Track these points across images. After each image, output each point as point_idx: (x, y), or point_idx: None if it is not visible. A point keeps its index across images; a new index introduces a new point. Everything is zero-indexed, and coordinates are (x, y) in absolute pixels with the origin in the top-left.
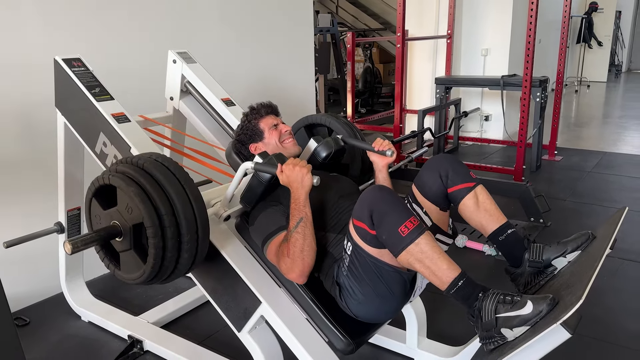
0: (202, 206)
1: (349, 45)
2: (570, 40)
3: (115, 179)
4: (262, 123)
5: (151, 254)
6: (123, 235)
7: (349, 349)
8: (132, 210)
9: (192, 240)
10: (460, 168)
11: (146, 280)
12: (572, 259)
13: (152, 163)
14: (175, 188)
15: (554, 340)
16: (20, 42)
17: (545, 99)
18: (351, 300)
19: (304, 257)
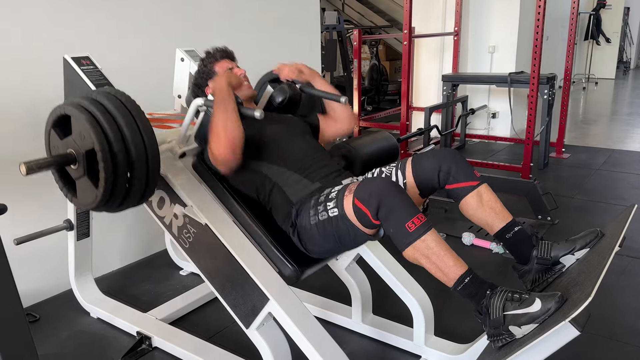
0: (151, 135)
1: (355, 42)
2: (578, 37)
3: (69, 108)
4: (217, 66)
5: (102, 177)
6: (77, 162)
7: (295, 276)
8: (85, 137)
9: (141, 166)
10: (464, 166)
11: (99, 204)
12: (580, 257)
13: (105, 95)
14: (125, 117)
15: (563, 338)
16: (31, 39)
17: (552, 96)
18: (308, 242)
19: (227, 131)
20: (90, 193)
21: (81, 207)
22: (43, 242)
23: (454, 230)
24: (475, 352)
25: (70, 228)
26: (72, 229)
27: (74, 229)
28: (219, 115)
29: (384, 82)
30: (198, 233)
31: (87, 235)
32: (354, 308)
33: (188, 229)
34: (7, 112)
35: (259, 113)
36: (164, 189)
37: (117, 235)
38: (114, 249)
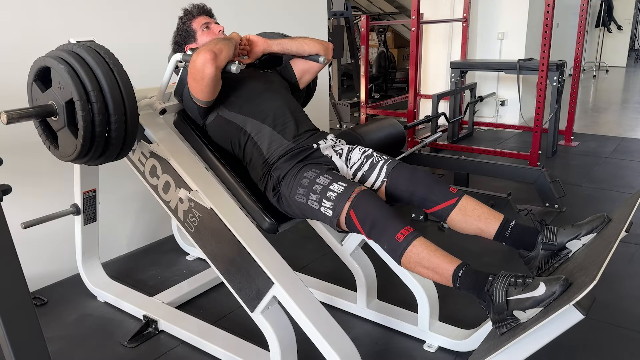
0: (129, 87)
1: (362, 29)
2: (589, 24)
3: (49, 60)
4: (194, 24)
5: (81, 127)
6: (58, 114)
7: (272, 228)
8: (64, 88)
9: (119, 118)
10: (439, 187)
11: (79, 155)
12: (586, 242)
13: (84, 48)
14: (103, 68)
15: (567, 322)
16: (35, 24)
17: (562, 83)
18: (286, 207)
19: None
20: (70, 144)
21: (63, 159)
22: (50, 226)
23: None
24: (480, 337)
25: (77, 212)
26: (79, 213)
27: (81, 213)
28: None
29: (391, 69)
30: (203, 217)
31: (94, 219)
32: (358, 293)
33: (193, 213)
34: (13, 97)
35: (235, 67)
36: (169, 174)
37: (124, 220)
38: (121, 234)
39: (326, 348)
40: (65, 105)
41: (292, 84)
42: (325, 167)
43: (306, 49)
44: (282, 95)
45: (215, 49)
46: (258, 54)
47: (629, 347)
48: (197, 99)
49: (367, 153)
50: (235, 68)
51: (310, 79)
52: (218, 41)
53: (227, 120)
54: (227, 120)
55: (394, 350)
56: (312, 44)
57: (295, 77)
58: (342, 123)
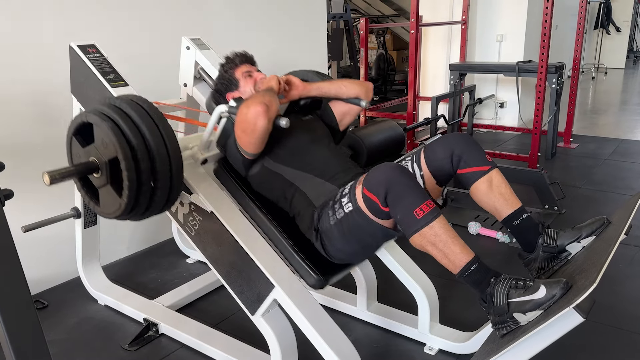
0: (174, 142)
1: (362, 31)
2: (588, 25)
3: (91, 116)
4: (237, 72)
5: (126, 186)
6: (100, 170)
7: (319, 284)
8: (107, 145)
9: (165, 175)
10: (476, 150)
11: (123, 213)
12: (586, 245)
13: (126, 102)
14: (147, 124)
15: (567, 325)
16: (36, 28)
17: (561, 85)
18: (330, 246)
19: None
20: (113, 202)
21: (105, 216)
22: (51, 229)
23: (460, 219)
24: (480, 339)
25: (78, 216)
26: (80, 216)
27: (82, 216)
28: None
29: (391, 71)
30: (204, 221)
31: (95, 223)
32: (359, 296)
33: (194, 216)
34: (16, 102)
35: (285, 122)
36: None
37: (124, 223)
38: (121, 237)
39: (327, 351)
40: (109, 163)
41: (332, 128)
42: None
43: (345, 91)
44: (327, 144)
45: (265, 101)
46: (295, 97)
47: (629, 348)
48: (245, 152)
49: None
50: (285, 123)
51: (351, 121)
52: (265, 93)
53: (273, 172)
54: (273, 172)
55: (394, 353)
56: (351, 86)
57: (335, 121)
58: None
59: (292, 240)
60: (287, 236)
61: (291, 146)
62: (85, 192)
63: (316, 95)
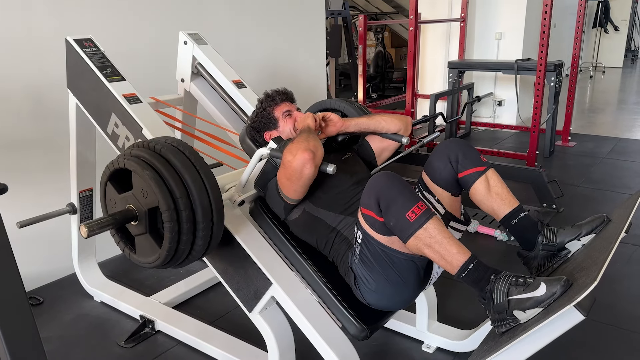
0: (217, 191)
1: (360, 28)
2: (586, 24)
3: (130, 163)
4: (276, 111)
5: (166, 237)
6: (138, 219)
7: (362, 335)
8: (148, 194)
9: (207, 225)
10: (470, 152)
11: (162, 264)
12: (586, 242)
13: (167, 147)
14: (190, 173)
15: (567, 323)
16: (31, 21)
17: (559, 84)
18: (365, 288)
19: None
20: (151, 251)
21: (141, 265)
22: (46, 225)
23: None
24: (479, 337)
25: (74, 212)
26: (75, 212)
27: (78, 212)
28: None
29: (389, 69)
30: None
31: (91, 219)
32: None
33: None
34: (9, 97)
35: (332, 168)
36: None
37: None
38: None
39: (324, 348)
40: (148, 212)
41: (370, 163)
42: None
43: (384, 126)
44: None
45: (311, 147)
46: (333, 133)
47: (627, 346)
48: (287, 197)
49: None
50: (332, 170)
51: (389, 156)
52: (309, 137)
53: (314, 217)
54: (314, 217)
55: (392, 351)
56: (391, 121)
57: (373, 156)
58: None
59: (334, 287)
60: (328, 282)
61: (333, 190)
62: (120, 237)
63: (354, 131)
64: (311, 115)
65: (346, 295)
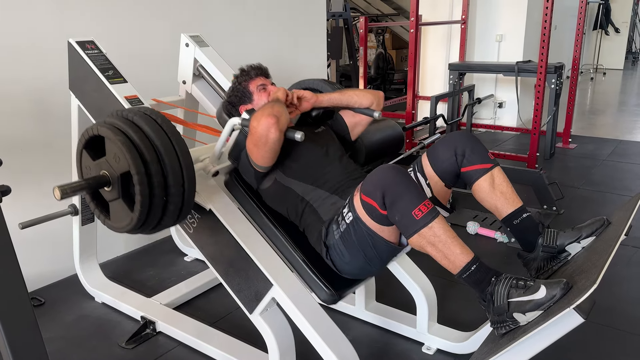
0: (188, 157)
1: (361, 30)
2: (587, 26)
3: (103, 129)
4: (251, 85)
5: (138, 201)
6: (112, 184)
7: (331, 300)
8: (120, 159)
9: (178, 190)
10: (479, 148)
11: (134, 228)
12: (586, 245)
13: (139, 115)
14: (161, 139)
15: (567, 325)
16: (34, 24)
17: (560, 85)
18: (339, 260)
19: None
20: (124, 216)
21: (115, 230)
22: (48, 226)
23: (459, 219)
24: (479, 339)
25: (75, 213)
26: (77, 213)
27: (79, 214)
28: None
29: (390, 71)
30: (202, 218)
31: (92, 220)
32: (357, 295)
33: (192, 214)
34: (11, 98)
35: (300, 135)
36: None
37: None
38: (118, 235)
39: (325, 350)
40: (120, 177)
41: (344, 138)
42: None
43: (357, 100)
44: (339, 158)
45: (275, 113)
46: (307, 108)
47: (627, 349)
48: (256, 165)
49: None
50: (300, 137)
51: (362, 131)
52: (273, 104)
53: (284, 187)
54: (284, 186)
55: (392, 353)
56: (363, 96)
57: (347, 130)
58: None
59: (304, 254)
60: (298, 250)
61: (304, 160)
62: (95, 205)
63: (328, 105)
64: (282, 89)
65: (316, 263)
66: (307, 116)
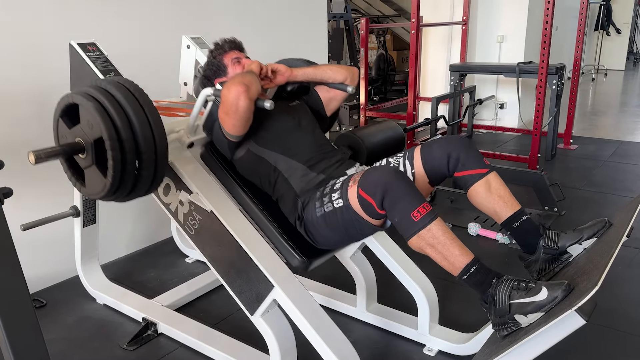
0: (160, 125)
1: (362, 31)
2: (588, 27)
3: (77, 97)
4: (225, 58)
5: (110, 166)
6: (86, 151)
7: (303, 266)
8: (93, 126)
9: (150, 156)
10: (474, 153)
11: (108, 194)
12: (587, 246)
13: (113, 84)
14: (133, 106)
15: (568, 327)
16: (34, 25)
17: (561, 86)
18: (315, 233)
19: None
20: (98, 182)
21: (90, 196)
22: (50, 228)
23: (460, 220)
24: (480, 341)
25: (77, 214)
26: (79, 215)
27: (81, 215)
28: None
29: (391, 72)
30: (203, 220)
31: (94, 222)
32: (358, 296)
33: (193, 215)
34: (14, 99)
35: (269, 104)
36: (169, 176)
37: (124, 222)
38: (120, 236)
39: (326, 351)
40: (94, 144)
41: (319, 113)
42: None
43: (330, 75)
44: (312, 130)
45: (245, 82)
46: (281, 82)
47: (628, 350)
48: (228, 134)
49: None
50: (269, 105)
51: (337, 107)
52: (245, 74)
53: (257, 157)
54: (257, 156)
55: (393, 354)
56: (337, 71)
57: (322, 105)
58: (341, 125)
59: (277, 224)
60: (272, 219)
61: (276, 130)
62: (72, 173)
63: (302, 80)
64: (257, 62)
65: (289, 231)
66: (282, 90)
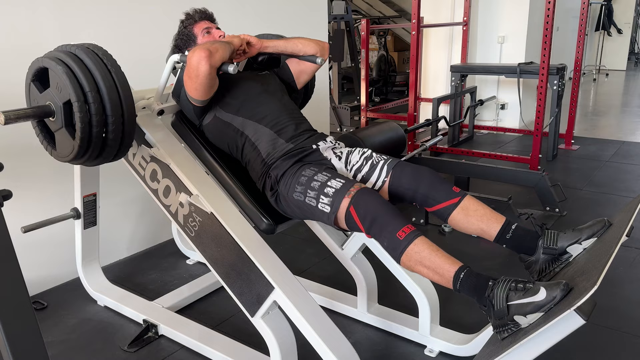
0: (127, 89)
1: (363, 32)
2: (589, 27)
3: (47, 61)
4: (196, 28)
5: (78, 128)
6: (55, 114)
7: (270, 229)
8: (61, 89)
9: (117, 119)
10: (444, 187)
11: (77, 156)
12: (587, 246)
13: (82, 49)
14: (100, 69)
15: (568, 327)
16: (35, 26)
17: (562, 87)
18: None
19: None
20: (68, 144)
21: (60, 159)
22: (50, 230)
23: None
24: (481, 342)
25: (77, 216)
26: (79, 217)
27: (81, 217)
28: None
29: (392, 73)
30: (204, 222)
31: (94, 223)
32: (359, 298)
33: (194, 217)
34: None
35: (232, 67)
36: (169, 178)
37: (124, 224)
38: (121, 238)
39: (327, 353)
40: (63, 106)
41: (289, 85)
42: (324, 166)
43: (301, 48)
44: (279, 97)
45: (210, 48)
46: (252, 53)
47: (629, 351)
48: (193, 98)
49: (366, 154)
50: (232, 69)
51: (308, 80)
52: (214, 41)
53: (224, 122)
54: (224, 121)
55: (394, 355)
56: (307, 44)
57: (292, 78)
58: (342, 126)
59: (245, 189)
60: (240, 184)
61: (242, 95)
62: (44, 137)
63: (272, 52)
64: (240, 36)
65: (256, 196)
66: (253, 61)
